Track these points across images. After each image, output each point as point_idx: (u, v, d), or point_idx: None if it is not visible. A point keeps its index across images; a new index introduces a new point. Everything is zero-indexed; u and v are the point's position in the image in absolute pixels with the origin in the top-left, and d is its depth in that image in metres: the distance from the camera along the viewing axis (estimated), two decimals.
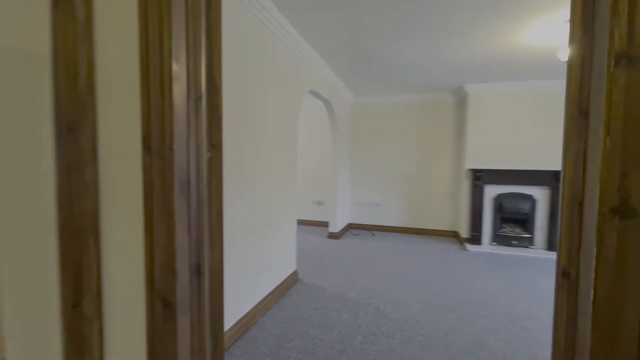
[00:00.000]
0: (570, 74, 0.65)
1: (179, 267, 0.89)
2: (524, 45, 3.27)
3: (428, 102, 5.54)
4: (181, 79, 0.88)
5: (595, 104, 0.60)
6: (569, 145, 0.66)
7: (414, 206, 5.73)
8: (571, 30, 0.65)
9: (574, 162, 0.65)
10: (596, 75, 0.60)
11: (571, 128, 0.65)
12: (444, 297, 3.04)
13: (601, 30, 0.58)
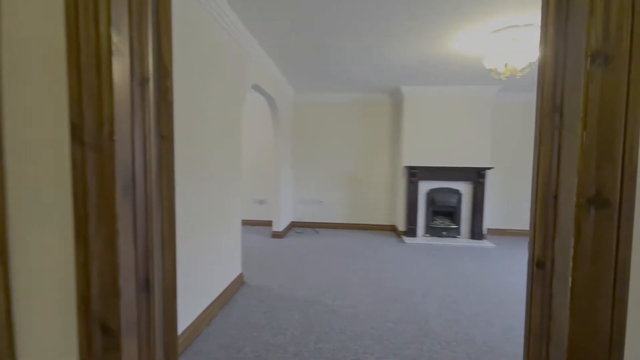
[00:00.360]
0: (544, 72, 0.68)
1: (123, 284, 0.73)
2: (455, 53, 3.56)
3: (368, 101, 5.74)
4: (123, 54, 0.72)
5: (571, 101, 0.63)
6: (543, 141, 0.69)
7: (355, 202, 5.90)
8: (544, 30, 0.68)
9: (549, 156, 0.68)
10: (571, 73, 0.63)
11: (545, 124, 0.69)
12: (389, 288, 3.17)
13: (575, 30, 0.62)
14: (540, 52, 0.69)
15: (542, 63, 0.69)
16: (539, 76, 0.71)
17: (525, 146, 5.53)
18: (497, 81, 4.65)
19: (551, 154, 0.66)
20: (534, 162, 0.71)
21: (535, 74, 4.10)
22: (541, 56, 0.69)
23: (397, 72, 4.37)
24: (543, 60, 0.68)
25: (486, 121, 5.13)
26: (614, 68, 0.56)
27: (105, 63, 0.69)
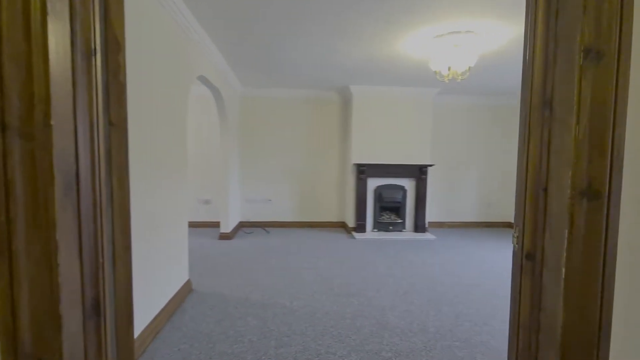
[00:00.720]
0: (534, 66, 0.69)
1: (66, 310, 0.58)
2: (402, 55, 3.71)
3: (317, 98, 5.73)
4: (61, 15, 0.56)
5: (562, 95, 0.64)
6: (532, 134, 0.70)
7: (305, 200, 5.86)
8: (531, 27, 0.69)
9: (538, 149, 0.69)
10: (561, 68, 0.64)
11: (535, 117, 0.70)
12: (343, 284, 3.19)
13: (566, 27, 0.63)
14: (527, 48, 0.71)
15: (529, 58, 0.70)
16: (525, 71, 0.72)
17: (461, 145, 6.03)
18: (437, 83, 4.97)
19: (541, 147, 0.68)
20: (520, 155, 0.73)
21: (472, 78, 4.48)
22: (528, 52, 0.70)
23: (346, 71, 4.41)
24: (531, 55, 0.69)
25: (427, 121, 5.46)
26: (605, 63, 0.59)
27: (37, 24, 0.53)
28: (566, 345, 0.63)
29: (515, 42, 3.28)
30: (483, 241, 5.09)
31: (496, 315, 2.61)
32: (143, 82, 2.05)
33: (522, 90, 0.74)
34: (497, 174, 6.15)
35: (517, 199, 0.75)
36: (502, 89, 5.29)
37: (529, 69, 0.70)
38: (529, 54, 0.70)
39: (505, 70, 4.21)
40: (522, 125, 0.72)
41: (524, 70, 0.72)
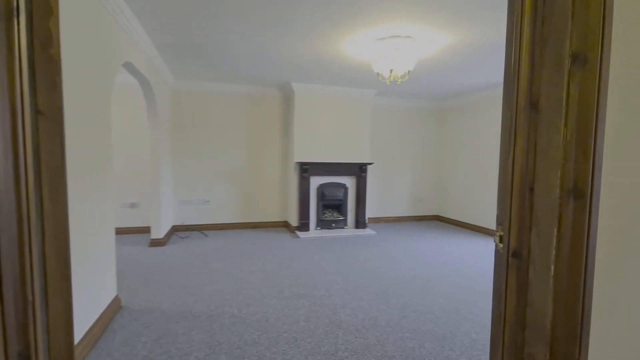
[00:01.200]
0: (520, 69, 0.71)
1: None
2: (345, 55, 3.76)
3: (257, 94, 5.52)
4: None
5: (549, 98, 0.67)
6: (519, 135, 0.72)
7: (245, 200, 5.62)
8: (518, 30, 0.71)
9: (525, 150, 0.71)
10: (548, 72, 0.67)
11: (521, 119, 0.72)
12: (293, 285, 3.12)
13: (554, 32, 0.65)
14: (511, 51, 0.72)
15: (515, 61, 0.71)
16: (508, 74, 0.74)
17: (395, 144, 6.40)
18: (375, 85, 5.18)
19: (527, 148, 0.70)
20: (505, 155, 0.74)
21: (407, 82, 4.75)
22: (514, 55, 0.72)
23: (288, 68, 4.32)
24: (516, 58, 0.71)
25: (366, 121, 5.67)
26: (589, 69, 0.62)
27: None
28: (554, 338, 0.66)
29: (447, 50, 3.56)
30: (416, 234, 5.48)
31: (436, 304, 2.80)
32: (67, 69, 1.70)
33: (505, 92, 0.76)
34: (426, 172, 6.68)
35: (501, 199, 0.77)
36: (433, 93, 5.74)
37: (514, 71, 0.72)
38: (514, 57, 0.72)
39: (437, 75, 4.56)
40: (507, 126, 0.74)
41: (508, 73, 0.74)
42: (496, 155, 5.24)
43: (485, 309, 2.71)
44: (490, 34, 3.11)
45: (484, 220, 5.56)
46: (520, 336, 0.72)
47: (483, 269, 3.70)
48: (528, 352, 0.70)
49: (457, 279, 3.37)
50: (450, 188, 6.44)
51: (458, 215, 6.21)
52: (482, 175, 5.57)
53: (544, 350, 0.66)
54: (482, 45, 3.38)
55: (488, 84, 5.01)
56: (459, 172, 6.20)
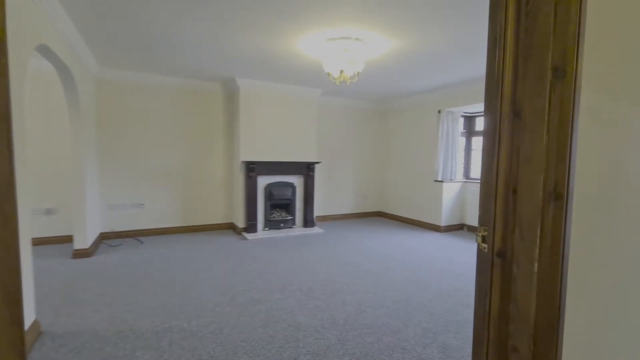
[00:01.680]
0: (504, 79, 0.75)
1: None
2: (295, 53, 3.70)
3: (199, 89, 5.18)
4: None
5: (532, 107, 0.71)
6: (503, 141, 0.76)
7: (186, 202, 5.24)
8: (499, 41, 0.75)
9: (509, 155, 0.75)
10: (531, 82, 0.71)
11: (505, 126, 0.76)
12: (246, 290, 2.99)
13: (536, 44, 0.70)
14: (495, 60, 0.76)
15: (498, 71, 0.75)
16: (492, 83, 0.78)
17: (340, 143, 6.54)
18: (323, 84, 5.22)
19: (511, 153, 0.74)
20: (489, 159, 0.78)
21: (355, 83, 4.87)
22: (497, 65, 0.75)
23: (233, 62, 4.12)
24: (500, 68, 0.75)
25: (313, 120, 5.69)
26: (567, 81, 0.68)
27: None
28: (537, 330, 0.71)
29: (391, 55, 3.73)
30: (362, 230, 5.68)
31: (388, 297, 2.92)
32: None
33: (488, 100, 0.79)
34: (370, 170, 6.96)
35: (484, 201, 0.81)
36: (376, 95, 5.99)
37: (498, 80, 0.76)
38: (497, 66, 0.76)
39: (380, 78, 4.75)
40: (491, 132, 0.78)
41: (491, 82, 0.78)
42: (429, 156, 5.68)
43: (431, 298, 2.91)
44: (429, 43, 3.33)
45: (423, 215, 5.98)
46: (504, 330, 0.76)
47: (426, 261, 3.97)
48: (512, 344, 0.75)
49: (404, 272, 3.57)
50: (392, 185, 6.81)
51: (400, 211, 6.59)
52: (419, 173, 5.98)
53: (528, 342, 0.72)
54: (421, 52, 3.61)
55: (427, 88, 5.38)
56: (400, 170, 6.59)
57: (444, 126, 5.58)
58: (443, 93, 5.47)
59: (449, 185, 5.63)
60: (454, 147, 5.66)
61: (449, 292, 3.05)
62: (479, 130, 5.82)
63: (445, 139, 5.60)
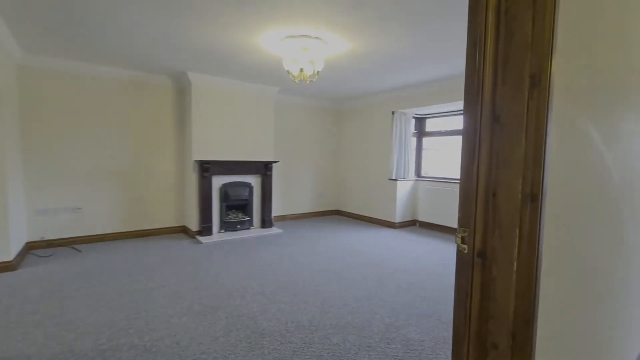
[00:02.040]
0: (485, 85, 0.77)
1: None
2: (254, 49, 3.58)
3: (146, 81, 4.78)
4: None
5: (511, 112, 0.74)
6: (483, 145, 0.78)
7: (132, 205, 4.82)
8: (478, 49, 0.77)
9: (488, 158, 0.78)
10: (509, 89, 0.74)
11: (486, 131, 0.78)
12: (204, 297, 2.83)
13: (515, 53, 0.73)
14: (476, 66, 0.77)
15: (479, 77, 0.77)
16: (472, 87, 0.79)
17: (297, 142, 6.49)
18: (280, 82, 5.13)
19: (490, 156, 0.77)
20: (469, 162, 0.80)
21: (313, 82, 4.85)
22: (478, 70, 0.77)
23: (186, 55, 3.86)
24: (481, 74, 0.76)
25: (270, 118, 5.57)
26: (541, 88, 0.71)
27: None
28: (515, 326, 0.75)
29: (348, 55, 3.77)
30: (320, 228, 5.71)
31: (350, 295, 2.96)
32: None
33: (468, 103, 0.81)
34: (327, 168, 7.02)
35: (464, 203, 0.83)
36: (332, 94, 6.03)
37: (478, 84, 0.78)
38: (478, 72, 0.78)
39: (337, 78, 4.80)
40: (471, 135, 0.80)
41: (471, 87, 0.80)
42: (383, 155, 5.88)
43: (391, 294, 3.00)
44: (384, 46, 3.42)
45: (379, 212, 6.18)
46: (484, 328, 0.79)
47: (383, 257, 4.10)
48: (492, 341, 0.78)
49: (364, 269, 3.65)
50: (349, 184, 6.93)
51: (356, 209, 6.73)
52: (375, 172, 6.16)
53: (507, 338, 0.75)
54: (376, 54, 3.70)
55: (382, 89, 5.55)
56: (356, 168, 6.73)
57: (397, 126, 5.81)
58: (396, 95, 5.69)
59: (402, 184, 5.88)
60: (407, 147, 5.92)
61: (406, 286, 3.17)
62: (429, 131, 6.15)
63: (398, 139, 5.84)
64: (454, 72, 4.41)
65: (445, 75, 4.55)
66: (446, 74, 4.49)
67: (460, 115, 5.49)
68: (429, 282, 3.29)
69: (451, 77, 4.63)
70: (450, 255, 4.22)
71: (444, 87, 4.93)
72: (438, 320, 2.54)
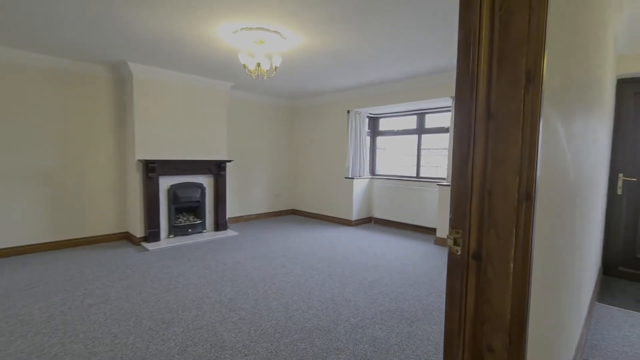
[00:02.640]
0: (479, 81, 0.74)
1: None
2: (205, 41, 3.33)
3: (78, 72, 4.22)
4: None
5: (506, 110, 0.72)
6: (478, 143, 0.75)
7: (63, 211, 4.24)
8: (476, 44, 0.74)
9: (483, 157, 0.75)
10: (504, 85, 0.72)
11: (480, 129, 0.75)
12: (154, 312, 2.56)
13: (510, 49, 0.71)
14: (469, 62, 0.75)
15: (472, 73, 0.74)
16: (464, 84, 0.76)
17: (251, 140, 6.27)
18: (234, 77, 4.89)
19: (485, 155, 0.74)
20: (462, 162, 0.77)
21: (268, 80, 4.69)
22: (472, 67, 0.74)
23: (125, 43, 3.48)
24: (475, 70, 0.74)
25: (223, 115, 5.28)
26: (535, 85, 0.70)
27: None
28: (511, 327, 0.74)
29: (304, 51, 3.70)
30: (277, 229, 5.57)
31: (313, 297, 2.90)
32: None
33: (461, 102, 0.78)
34: (282, 168, 6.88)
35: (457, 204, 0.80)
36: (287, 92, 5.91)
37: (472, 82, 0.75)
38: (472, 68, 0.75)
39: (293, 75, 4.70)
40: (465, 134, 0.77)
41: (464, 83, 0.77)
42: (339, 153, 5.92)
43: (354, 292, 3.00)
44: (340, 44, 3.41)
45: (335, 211, 6.21)
46: (479, 331, 0.77)
47: (343, 256, 4.10)
48: (487, 344, 0.76)
49: (325, 269, 3.61)
50: (305, 183, 6.87)
51: (313, 207, 6.70)
52: (331, 171, 6.17)
53: (504, 340, 0.73)
54: (332, 52, 3.69)
55: (337, 88, 5.57)
56: (312, 167, 6.69)
57: (352, 125, 5.88)
58: (352, 94, 5.75)
59: (358, 182, 5.98)
60: (362, 146, 6.03)
61: (369, 284, 3.20)
62: (382, 130, 6.33)
63: (354, 137, 5.92)
64: (406, 73, 4.56)
65: (398, 76, 4.70)
66: (400, 75, 4.63)
67: (412, 116, 5.73)
68: (390, 279, 3.35)
69: (404, 78, 4.80)
70: (406, 252, 4.37)
71: (397, 88, 5.10)
72: (401, 316, 2.59)
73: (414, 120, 5.72)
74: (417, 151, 5.68)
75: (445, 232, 4.62)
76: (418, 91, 4.89)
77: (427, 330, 2.38)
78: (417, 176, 5.70)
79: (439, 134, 5.40)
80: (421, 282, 3.28)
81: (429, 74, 4.56)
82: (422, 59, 3.87)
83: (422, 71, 4.41)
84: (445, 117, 5.25)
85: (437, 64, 4.06)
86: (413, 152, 5.76)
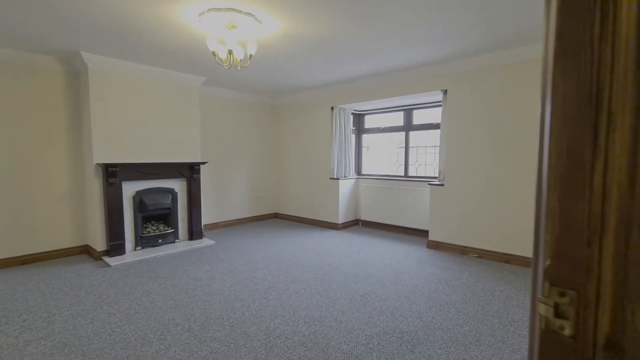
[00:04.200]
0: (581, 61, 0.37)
1: None
2: (171, 26, 2.88)
3: (21, 64, 3.66)
4: None
5: (619, 99, 0.37)
6: (615, 124, 0.39)
7: (6, 225, 3.68)
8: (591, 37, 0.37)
9: (630, 153, 0.39)
10: (617, 76, 0.36)
11: (624, 98, 0.39)
12: (105, 348, 2.10)
13: None
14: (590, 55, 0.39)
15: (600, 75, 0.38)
16: (546, 71, 0.41)
17: (229, 141, 5.80)
18: (203, 71, 4.43)
19: (635, 150, 0.38)
20: (572, 161, 0.41)
21: (243, 72, 4.25)
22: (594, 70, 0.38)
23: (76, 30, 2.98)
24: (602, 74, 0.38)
25: (195, 113, 4.81)
26: None
27: None
28: None
29: (281, 39, 3.30)
30: (259, 236, 5.14)
31: (299, 319, 2.52)
32: None
33: (545, 93, 0.42)
34: (264, 169, 6.44)
35: (561, 241, 0.43)
36: (266, 88, 5.47)
37: (565, 65, 0.39)
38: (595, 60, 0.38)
39: (271, 66, 4.29)
40: (582, 108, 0.41)
41: (546, 72, 0.41)
42: (323, 153, 5.54)
43: (344, 310, 2.64)
44: (323, 32, 3.04)
45: (321, 214, 5.84)
46: None
47: (329, 265, 3.74)
48: None
49: (310, 282, 3.23)
50: (288, 185, 6.46)
51: (296, 211, 6.30)
52: (315, 171, 5.78)
53: None
54: (311, 40, 3.31)
55: (320, 83, 5.18)
56: (295, 168, 6.29)
57: (337, 123, 5.53)
58: (336, 89, 5.39)
59: (344, 183, 5.63)
60: (348, 144, 5.68)
61: (360, 299, 2.85)
62: (368, 127, 6.00)
63: (338, 136, 5.57)
64: (395, 65, 4.24)
65: (386, 68, 4.37)
66: (388, 67, 4.30)
67: (399, 112, 5.42)
68: (384, 291, 3.01)
69: (392, 70, 4.47)
70: (398, 257, 4.05)
71: (384, 81, 4.77)
72: (400, 339, 2.24)
73: (401, 117, 5.42)
74: (405, 149, 5.39)
75: (439, 234, 4.33)
76: (407, 85, 4.58)
77: (432, 356, 2.04)
78: (406, 175, 5.41)
79: (427, 131, 5.13)
80: (418, 294, 2.95)
81: (419, 66, 4.25)
82: (413, 47, 3.54)
83: (412, 63, 4.10)
84: (435, 113, 4.98)
85: (428, 53, 3.75)
86: (400, 151, 5.46)
